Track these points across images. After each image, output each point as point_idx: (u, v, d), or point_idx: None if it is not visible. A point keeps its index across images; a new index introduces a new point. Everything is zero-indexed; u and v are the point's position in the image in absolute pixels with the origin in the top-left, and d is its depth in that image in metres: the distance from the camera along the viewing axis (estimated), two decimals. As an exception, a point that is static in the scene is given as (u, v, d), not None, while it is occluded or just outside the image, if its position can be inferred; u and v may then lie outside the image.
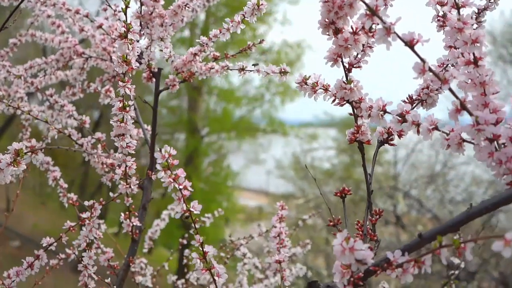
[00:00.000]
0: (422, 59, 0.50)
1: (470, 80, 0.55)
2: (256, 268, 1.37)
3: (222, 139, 12.23)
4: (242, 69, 0.95)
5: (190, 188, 0.62)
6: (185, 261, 1.38)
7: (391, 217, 6.27)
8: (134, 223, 0.96)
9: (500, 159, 0.50)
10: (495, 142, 0.52)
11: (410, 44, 0.50)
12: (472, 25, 0.71)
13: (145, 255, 1.46)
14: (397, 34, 0.50)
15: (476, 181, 6.99)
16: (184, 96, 11.71)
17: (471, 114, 0.51)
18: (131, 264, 0.98)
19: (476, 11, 0.73)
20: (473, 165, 6.80)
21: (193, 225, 0.64)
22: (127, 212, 0.95)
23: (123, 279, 0.97)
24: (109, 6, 0.95)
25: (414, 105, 0.68)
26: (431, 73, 0.50)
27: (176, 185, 0.61)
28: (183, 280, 1.30)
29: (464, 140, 0.54)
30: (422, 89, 0.68)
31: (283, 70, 0.82)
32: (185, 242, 1.47)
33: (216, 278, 0.64)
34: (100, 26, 1.05)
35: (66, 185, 1.09)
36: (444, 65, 0.69)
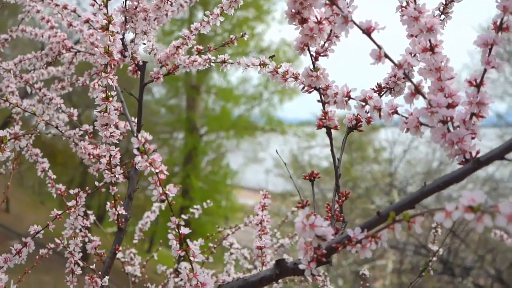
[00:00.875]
0: (378, 46, 0.53)
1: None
2: (245, 258, 1.40)
3: (220, 138, 12.27)
4: (223, 62, 0.98)
5: (166, 172, 0.65)
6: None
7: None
8: (120, 212, 0.99)
9: (452, 140, 0.53)
10: (448, 124, 0.55)
11: (367, 31, 0.53)
12: (440, 15, 0.74)
13: (145, 254, 1.49)
14: (354, 22, 0.53)
15: (471, 178, 7.03)
16: (183, 95, 11.74)
17: (425, 98, 0.54)
18: (117, 251, 1.01)
19: (444, 2, 0.76)
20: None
21: (170, 208, 0.67)
22: (112, 201, 0.98)
23: (109, 266, 1.00)
24: (95, 1, 0.98)
25: (382, 92, 0.71)
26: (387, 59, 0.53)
27: (153, 169, 0.64)
28: (171, 270, 1.33)
29: (421, 123, 0.57)
30: (390, 77, 0.71)
31: (262, 63, 0.85)
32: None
33: (192, 258, 0.67)
34: (87, 21, 1.08)
35: (54, 176, 1.12)
36: (412, 55, 0.72)
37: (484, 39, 0.54)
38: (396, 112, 0.59)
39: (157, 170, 0.65)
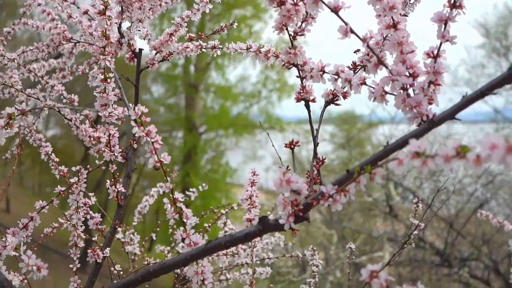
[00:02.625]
0: (345, 23, 0.60)
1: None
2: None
3: (220, 136, 12.33)
4: (214, 47, 1.04)
5: (160, 142, 0.72)
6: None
7: (385, 208, 6.39)
8: (119, 189, 1.06)
9: (411, 104, 0.60)
10: (410, 92, 0.62)
11: (335, 10, 0.60)
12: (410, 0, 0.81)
13: (146, 253, 1.56)
14: (323, 2, 0.60)
15: (468, 172, 7.11)
16: (181, 94, 11.80)
17: (387, 68, 0.61)
18: (117, 226, 1.08)
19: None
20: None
21: (164, 174, 0.74)
22: (112, 179, 1.05)
23: (110, 240, 1.07)
24: (93, -8, 1.05)
25: (357, 69, 0.78)
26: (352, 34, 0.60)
27: (149, 139, 0.71)
28: (169, 248, 1.40)
29: (386, 92, 0.64)
30: (364, 55, 0.78)
31: (249, 47, 0.92)
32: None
33: (185, 220, 0.74)
34: (85, 12, 1.15)
35: (57, 159, 1.19)
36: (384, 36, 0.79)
37: (439, 16, 0.61)
38: (364, 83, 0.66)
39: (152, 140, 0.72)
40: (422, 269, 5.95)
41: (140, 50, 1.09)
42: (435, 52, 0.62)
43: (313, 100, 0.74)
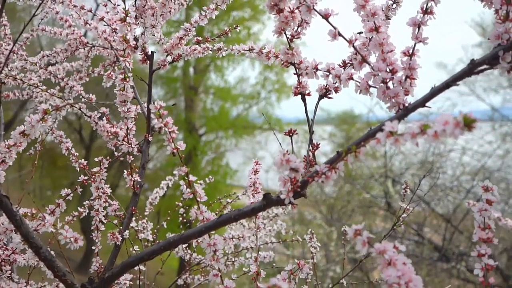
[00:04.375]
0: (334, 27, 0.72)
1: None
2: (243, 226, 1.58)
3: (219, 137, 12.44)
4: (219, 49, 1.16)
5: (176, 131, 0.84)
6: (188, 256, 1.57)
7: (383, 205, 6.51)
8: (135, 179, 1.17)
9: (390, 95, 0.72)
10: (388, 84, 0.73)
11: (325, 16, 0.72)
12: (392, 4, 0.93)
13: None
14: (315, 10, 0.71)
15: (465, 169, 7.23)
16: (181, 96, 11.91)
17: (369, 65, 0.73)
18: (133, 212, 1.19)
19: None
20: (458, 152, 7.04)
21: (180, 160, 0.86)
22: (129, 170, 1.17)
23: (127, 225, 1.18)
24: (109, 0, 1.16)
25: (346, 67, 0.89)
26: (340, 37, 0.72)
27: (167, 129, 0.83)
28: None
29: (369, 86, 0.75)
30: (352, 55, 0.89)
31: (251, 48, 1.03)
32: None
33: (198, 199, 0.86)
34: (102, 19, 1.26)
35: (77, 154, 1.30)
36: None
37: (413, 20, 0.73)
38: (351, 78, 0.77)
39: (170, 130, 0.83)
40: (420, 265, 6.06)
41: (152, 52, 1.20)
42: (410, 51, 0.73)
43: (309, 94, 0.85)
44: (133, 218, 1.53)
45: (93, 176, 1.11)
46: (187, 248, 1.58)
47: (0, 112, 1.48)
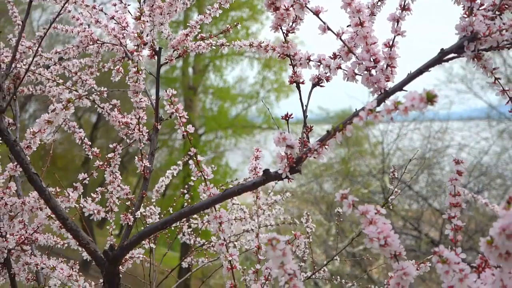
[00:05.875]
0: (324, 22, 0.83)
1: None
2: (244, 212, 1.69)
3: (219, 137, 12.53)
4: (222, 45, 1.27)
5: (186, 116, 0.94)
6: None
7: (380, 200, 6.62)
8: (145, 164, 1.28)
9: (373, 81, 0.83)
10: (371, 72, 0.84)
11: (316, 13, 0.82)
12: (378, 3, 1.03)
13: (147, 254, 1.77)
14: (307, 7, 0.82)
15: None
16: (180, 97, 12.01)
17: (355, 55, 0.83)
18: (144, 195, 1.30)
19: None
20: (454, 148, 7.16)
21: (189, 142, 0.96)
22: (140, 156, 1.27)
23: (138, 207, 1.29)
24: (120, 1, 1.27)
25: (336, 58, 0.99)
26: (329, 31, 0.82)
27: (177, 114, 0.93)
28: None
29: (355, 73, 0.86)
30: (340, 47, 1.00)
31: (251, 43, 1.14)
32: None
33: (206, 177, 0.96)
34: (112, 17, 1.37)
35: (90, 142, 1.40)
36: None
37: (392, 16, 0.83)
38: (339, 67, 0.88)
39: (180, 115, 0.94)
40: (418, 259, 6.18)
41: (160, 48, 1.31)
42: (390, 43, 0.84)
43: (302, 82, 0.96)
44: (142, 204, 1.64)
45: (108, 162, 1.21)
46: (192, 233, 1.68)
47: (16, 106, 1.58)
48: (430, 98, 0.59)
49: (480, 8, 0.78)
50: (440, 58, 0.77)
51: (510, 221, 0.53)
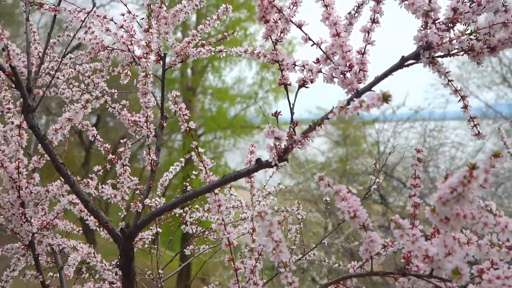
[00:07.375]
0: (305, 34, 0.98)
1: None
2: (241, 202, 1.84)
3: (218, 137, 12.67)
4: (220, 51, 1.42)
5: (188, 114, 1.10)
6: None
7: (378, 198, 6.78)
8: (153, 158, 1.43)
9: (347, 83, 0.98)
10: (346, 75, 0.99)
11: (299, 26, 0.98)
12: (354, 14, 1.19)
13: (147, 255, 1.92)
14: (291, 21, 0.97)
15: (455, 161, 7.52)
16: (179, 97, 12.13)
17: (332, 61, 0.99)
18: (151, 186, 1.45)
19: (357, 5, 1.21)
20: (449, 146, 7.32)
21: (191, 136, 1.12)
22: (147, 150, 1.42)
23: (146, 195, 1.44)
24: (129, 12, 1.43)
25: (318, 63, 1.15)
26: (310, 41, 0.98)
27: (181, 112, 1.09)
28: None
29: (333, 76, 1.02)
30: (322, 54, 1.15)
31: (245, 50, 1.29)
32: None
33: (206, 166, 1.12)
34: (121, 26, 1.52)
35: (102, 140, 1.56)
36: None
37: (364, 27, 0.99)
38: (320, 71, 1.03)
39: (183, 113, 1.09)
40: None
41: (165, 54, 1.46)
42: (362, 51, 1.00)
43: (290, 84, 1.11)
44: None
45: (119, 156, 1.37)
46: (195, 222, 1.84)
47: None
48: (385, 98, 0.75)
49: (436, 21, 0.94)
50: (401, 63, 0.92)
51: (445, 191, 0.69)
